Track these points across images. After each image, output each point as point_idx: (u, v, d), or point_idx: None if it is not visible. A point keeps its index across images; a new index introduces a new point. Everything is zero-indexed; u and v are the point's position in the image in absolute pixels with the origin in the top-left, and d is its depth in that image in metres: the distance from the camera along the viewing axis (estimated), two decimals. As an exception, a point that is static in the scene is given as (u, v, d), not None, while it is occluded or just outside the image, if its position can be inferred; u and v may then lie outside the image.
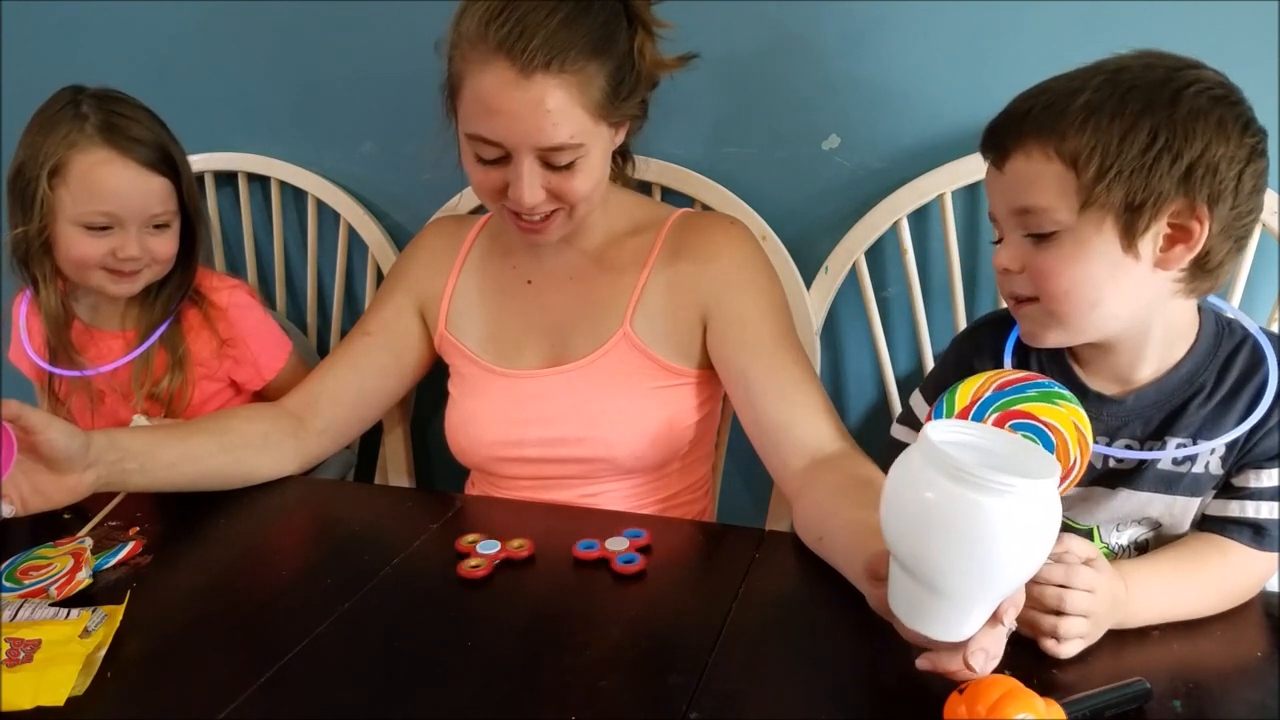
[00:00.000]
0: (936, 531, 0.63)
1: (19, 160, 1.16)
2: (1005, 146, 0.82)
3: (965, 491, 0.61)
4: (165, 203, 1.18)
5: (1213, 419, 0.84)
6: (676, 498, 1.16)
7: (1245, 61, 1.11)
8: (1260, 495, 0.84)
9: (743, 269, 1.08)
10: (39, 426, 0.87)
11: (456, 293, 1.16)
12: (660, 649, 0.78)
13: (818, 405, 1.02)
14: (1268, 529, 0.84)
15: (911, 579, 0.66)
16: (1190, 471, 0.85)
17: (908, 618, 0.67)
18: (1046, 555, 0.64)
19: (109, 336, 1.25)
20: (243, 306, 1.29)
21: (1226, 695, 0.71)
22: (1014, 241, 0.84)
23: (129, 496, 1.01)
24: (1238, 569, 0.84)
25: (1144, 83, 0.79)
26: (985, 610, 0.66)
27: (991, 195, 0.86)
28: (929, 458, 0.63)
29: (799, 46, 1.26)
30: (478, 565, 0.88)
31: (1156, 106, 0.78)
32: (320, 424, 1.13)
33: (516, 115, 0.94)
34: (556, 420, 1.09)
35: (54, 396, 1.26)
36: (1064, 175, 0.79)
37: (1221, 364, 0.85)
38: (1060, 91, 0.81)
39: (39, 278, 1.19)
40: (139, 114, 1.18)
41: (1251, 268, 1.16)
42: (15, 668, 0.74)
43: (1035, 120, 0.80)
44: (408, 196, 1.47)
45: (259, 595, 0.87)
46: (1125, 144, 0.78)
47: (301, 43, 1.46)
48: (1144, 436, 0.87)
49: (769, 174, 1.31)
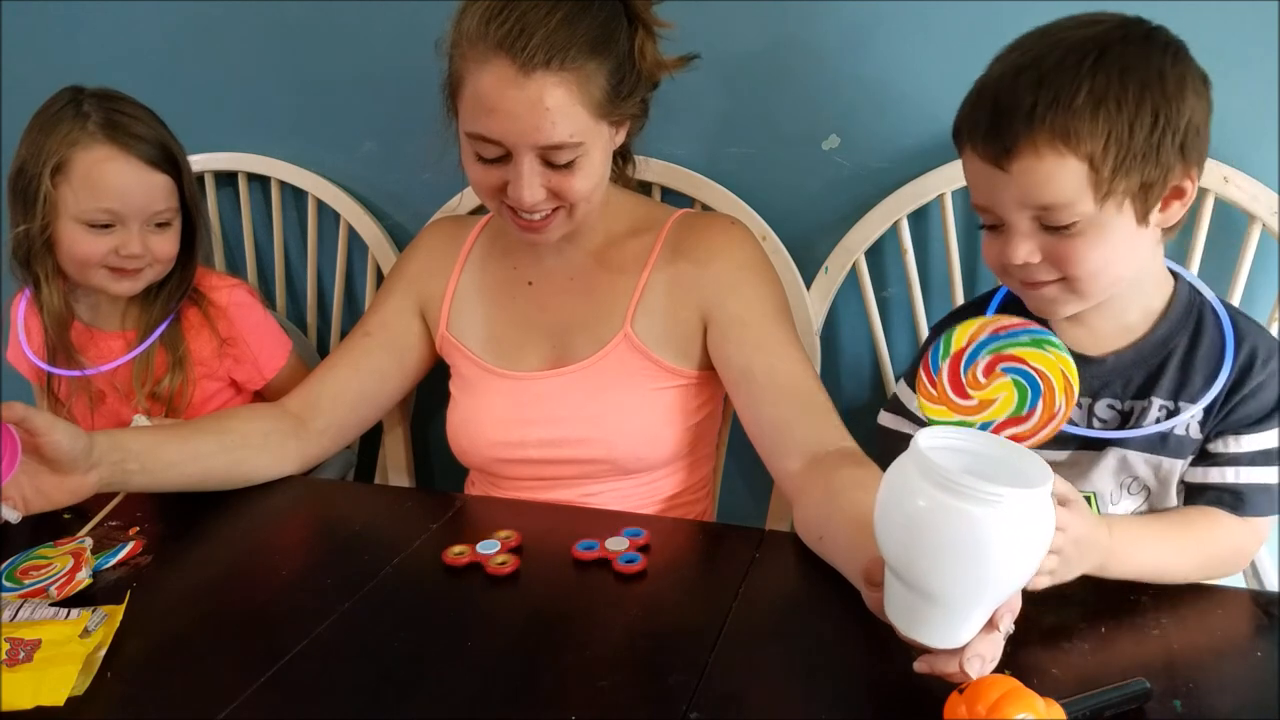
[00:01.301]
0: (928, 540, 0.62)
1: (20, 159, 1.16)
2: (1010, 145, 0.82)
3: (955, 501, 0.61)
4: (167, 200, 1.18)
5: (1189, 379, 0.89)
6: (677, 498, 1.16)
7: (1245, 61, 1.12)
8: (1238, 460, 0.89)
9: (743, 269, 1.08)
10: (43, 428, 0.87)
11: (458, 293, 1.16)
12: (660, 649, 0.78)
13: (819, 405, 1.02)
14: (1246, 494, 0.88)
15: (905, 586, 0.66)
16: (1173, 433, 0.89)
17: (903, 625, 0.67)
18: (1040, 562, 0.64)
19: (109, 336, 1.25)
20: (243, 305, 1.29)
21: (1226, 695, 0.71)
22: (1027, 234, 0.85)
23: (129, 496, 1.01)
24: (1221, 536, 0.88)
25: (1132, 58, 0.81)
26: (980, 617, 0.66)
27: (988, 190, 0.86)
28: (920, 466, 0.63)
29: (799, 46, 1.26)
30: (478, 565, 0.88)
31: (1150, 84, 0.81)
32: (321, 424, 1.13)
33: (516, 113, 0.94)
34: (558, 421, 1.09)
35: (54, 397, 1.26)
36: (1081, 171, 0.81)
37: (1194, 329, 0.91)
38: (1058, 82, 0.80)
39: (40, 277, 1.19)
40: (140, 112, 1.19)
41: (1251, 268, 1.16)
42: (15, 668, 0.74)
43: (1045, 120, 0.80)
44: (408, 196, 1.47)
45: (259, 595, 0.87)
46: (1134, 131, 0.80)
47: (301, 43, 1.46)
48: (1125, 396, 0.91)
49: (769, 174, 1.31)
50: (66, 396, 1.26)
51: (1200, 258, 1.18)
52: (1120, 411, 0.92)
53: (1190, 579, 0.85)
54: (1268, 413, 0.89)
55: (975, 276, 1.27)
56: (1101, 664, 0.73)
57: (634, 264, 1.11)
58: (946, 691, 0.66)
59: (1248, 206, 1.14)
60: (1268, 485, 0.90)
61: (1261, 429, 0.90)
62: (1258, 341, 0.90)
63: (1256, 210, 1.14)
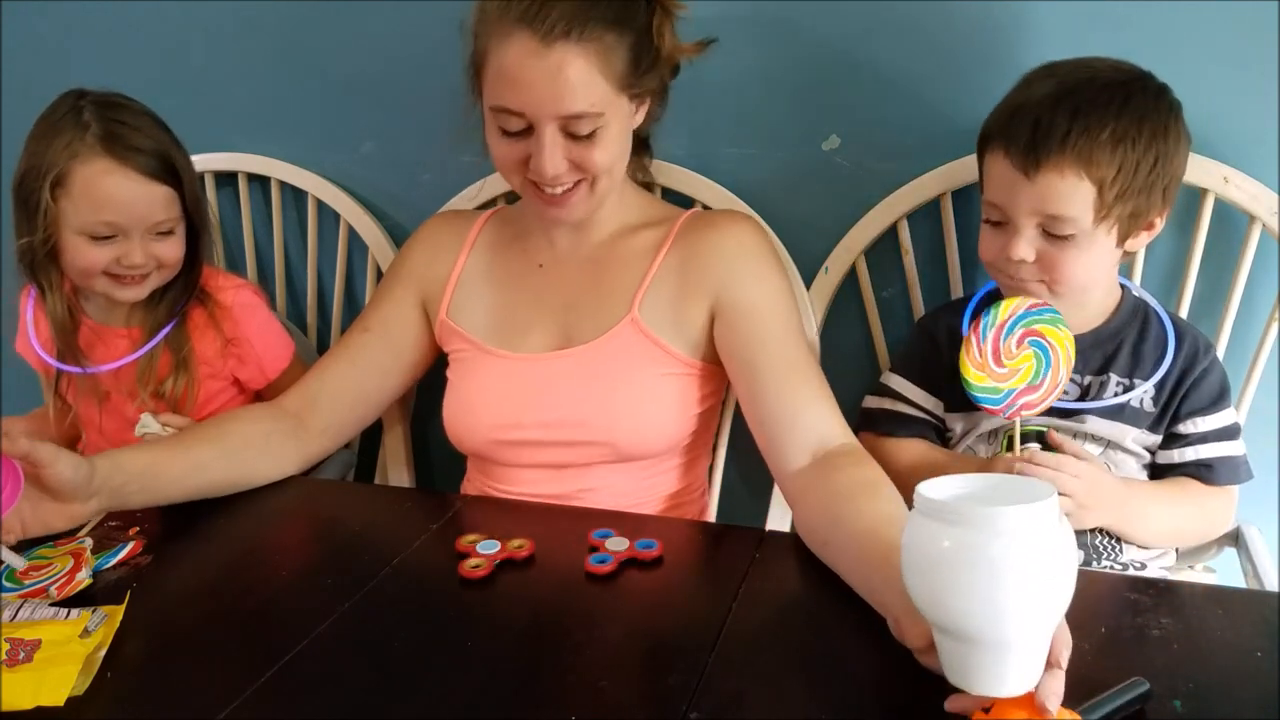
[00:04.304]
0: (948, 576, 0.63)
1: (23, 167, 1.16)
2: (1041, 161, 0.97)
3: (961, 530, 0.62)
4: (168, 210, 1.18)
5: (1139, 361, 1.09)
6: (674, 497, 1.16)
7: (1245, 61, 1.12)
8: (1205, 439, 1.08)
9: (753, 262, 1.09)
10: (47, 460, 0.88)
11: (462, 279, 1.17)
12: (660, 649, 0.77)
13: (823, 400, 1.02)
14: (1214, 465, 1.08)
15: (948, 637, 0.65)
16: (1129, 404, 1.08)
17: (959, 680, 0.66)
18: (1063, 580, 0.63)
19: (115, 335, 1.26)
20: (248, 306, 1.29)
21: (1226, 695, 0.70)
22: (1030, 237, 1.01)
23: (129, 497, 1.01)
24: (1208, 501, 1.09)
25: (1149, 110, 0.99)
26: (1033, 652, 0.64)
27: (1008, 192, 1.01)
28: (925, 511, 0.64)
29: (799, 46, 1.26)
30: (478, 565, 0.88)
31: (1158, 133, 0.98)
32: (320, 423, 1.13)
33: (538, 83, 0.96)
34: (557, 402, 1.09)
35: (59, 396, 1.27)
36: (1090, 193, 0.98)
37: (1140, 324, 1.10)
38: (1090, 115, 0.97)
39: (44, 285, 1.21)
40: (141, 121, 1.18)
41: (1251, 268, 1.16)
42: (15, 668, 0.74)
43: (1074, 146, 0.96)
44: (408, 196, 1.47)
45: (259, 595, 0.87)
46: (1139, 169, 0.98)
47: (301, 43, 1.46)
48: (1084, 373, 1.09)
49: (769, 174, 1.31)
50: (74, 398, 1.27)
51: (1200, 258, 1.18)
52: (1080, 385, 1.10)
53: (1192, 538, 1.12)
54: (1218, 395, 1.09)
55: (974, 277, 1.27)
56: (1102, 664, 0.73)
57: (645, 252, 1.12)
58: (945, 690, 0.67)
59: (1248, 206, 1.14)
60: (1230, 457, 1.09)
61: (1217, 409, 1.09)
62: (1196, 336, 1.10)
63: (1256, 210, 1.14)
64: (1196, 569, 1.22)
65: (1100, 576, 0.92)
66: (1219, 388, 1.09)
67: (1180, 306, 1.19)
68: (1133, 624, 0.79)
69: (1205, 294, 1.20)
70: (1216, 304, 1.20)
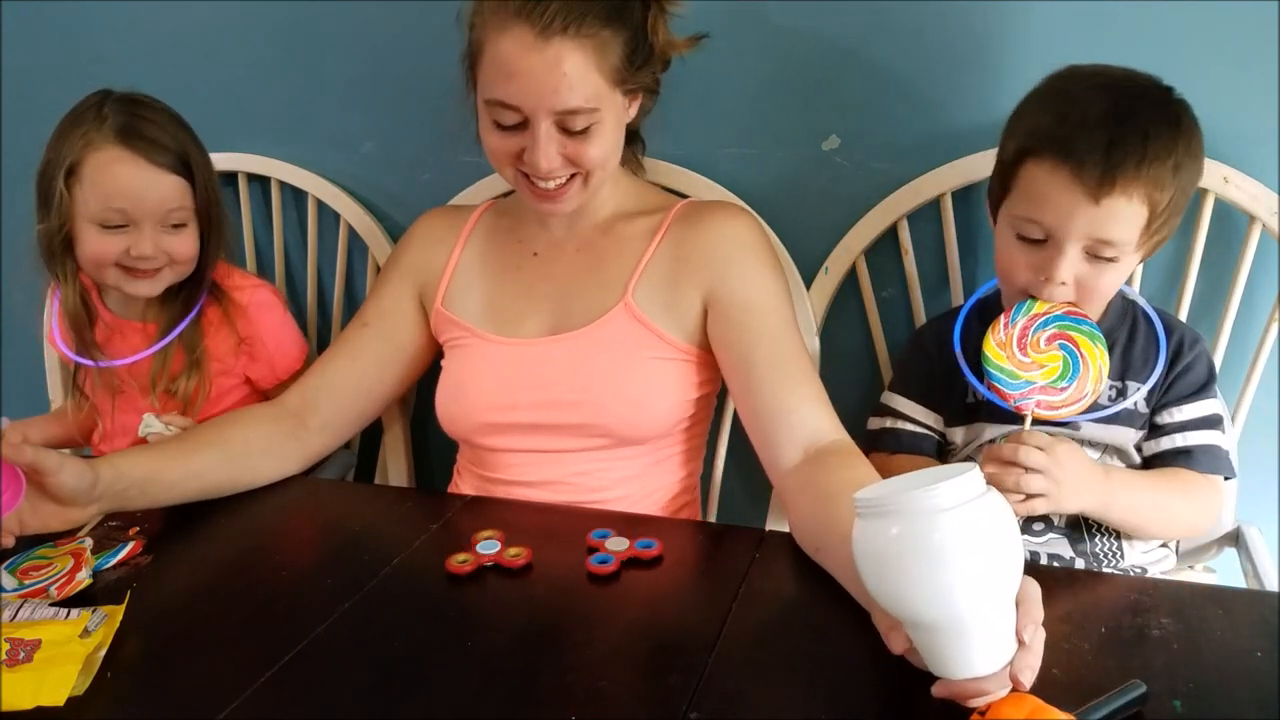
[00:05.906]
0: (896, 566, 0.64)
1: (45, 160, 1.18)
2: (1113, 185, 0.92)
3: (897, 519, 0.63)
4: (179, 201, 1.19)
5: (1130, 363, 1.07)
6: (671, 489, 1.16)
7: (1245, 61, 1.12)
8: (1185, 427, 1.06)
9: (748, 255, 1.09)
10: (51, 468, 0.89)
11: (458, 269, 1.17)
12: (660, 649, 0.78)
13: (816, 396, 1.02)
14: (1195, 453, 1.05)
15: (915, 630, 0.67)
16: (1125, 407, 1.06)
17: (935, 668, 0.67)
18: (1004, 550, 0.64)
19: (132, 329, 1.27)
20: (264, 306, 1.31)
21: (1226, 695, 0.70)
22: (1074, 258, 0.97)
23: (129, 497, 1.02)
24: (1193, 488, 1.05)
25: (1191, 137, 0.96)
26: (998, 632, 0.65)
27: (1064, 213, 0.95)
28: (863, 513, 0.66)
29: (799, 46, 1.26)
30: (465, 561, 0.88)
31: (1196, 160, 0.97)
32: (319, 421, 1.13)
33: (534, 77, 0.96)
34: (550, 384, 1.09)
35: (77, 388, 1.29)
36: (1145, 217, 0.95)
37: (1130, 325, 1.09)
38: (1159, 141, 0.93)
39: (60, 276, 1.22)
40: (160, 116, 1.20)
41: (1251, 268, 1.16)
42: (15, 668, 0.74)
43: (1148, 171, 0.93)
44: (408, 196, 1.47)
45: (259, 595, 0.87)
46: (1182, 196, 0.97)
47: (301, 43, 1.46)
48: None
49: (769, 174, 1.31)
50: (91, 389, 1.29)
51: (1200, 258, 1.18)
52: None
53: (1180, 526, 1.08)
54: (1201, 385, 1.07)
55: (975, 277, 1.27)
56: (1102, 664, 0.73)
57: (640, 239, 1.12)
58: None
59: (1248, 206, 1.14)
60: (1212, 445, 1.06)
61: (1199, 399, 1.07)
62: (1184, 331, 1.08)
63: (1256, 210, 1.14)
64: (1196, 569, 1.22)
65: (1100, 577, 0.92)
66: (1203, 378, 1.07)
67: (1180, 307, 1.19)
68: (1132, 624, 0.79)
69: (1205, 294, 1.20)
70: (1216, 304, 1.20)
